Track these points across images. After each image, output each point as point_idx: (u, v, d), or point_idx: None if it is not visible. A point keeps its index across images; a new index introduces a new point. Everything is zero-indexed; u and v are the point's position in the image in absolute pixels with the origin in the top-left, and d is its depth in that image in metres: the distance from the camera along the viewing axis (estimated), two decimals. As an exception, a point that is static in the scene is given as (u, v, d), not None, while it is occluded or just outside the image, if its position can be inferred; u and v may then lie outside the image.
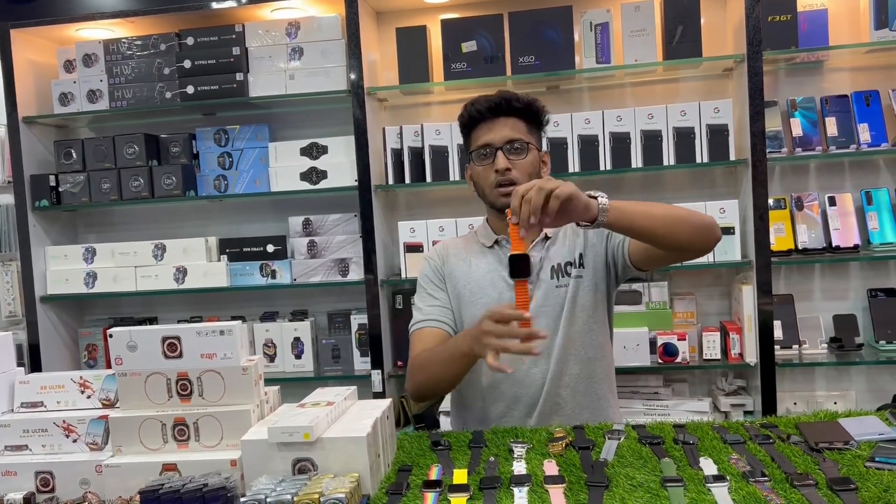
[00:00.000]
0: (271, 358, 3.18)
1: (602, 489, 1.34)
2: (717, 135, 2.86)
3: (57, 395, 1.68)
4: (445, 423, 2.78)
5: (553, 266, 1.96)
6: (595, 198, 1.64)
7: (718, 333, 2.94)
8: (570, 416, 1.92)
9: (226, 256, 3.18)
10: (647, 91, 3.14)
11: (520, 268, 1.58)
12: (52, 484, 1.55)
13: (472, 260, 2.02)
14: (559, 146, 2.92)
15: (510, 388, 1.95)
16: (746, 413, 2.89)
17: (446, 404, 2.88)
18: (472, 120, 1.95)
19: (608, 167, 2.93)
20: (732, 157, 2.87)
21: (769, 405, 2.78)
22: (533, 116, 1.96)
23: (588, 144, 2.92)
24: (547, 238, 2.00)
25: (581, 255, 1.97)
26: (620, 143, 2.91)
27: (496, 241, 2.00)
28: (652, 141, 2.90)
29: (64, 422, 1.61)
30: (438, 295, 2.02)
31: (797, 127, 2.93)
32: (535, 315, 1.87)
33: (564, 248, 1.98)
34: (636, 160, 2.92)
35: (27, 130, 3.22)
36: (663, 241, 1.76)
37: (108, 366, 3.26)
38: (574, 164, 2.93)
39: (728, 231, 2.86)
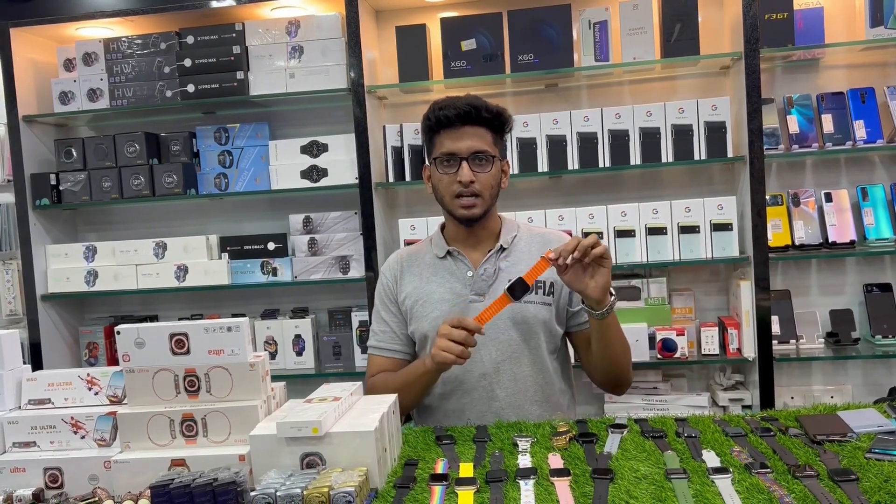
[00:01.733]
0: (272, 355, 3.19)
1: (607, 482, 1.36)
2: (715, 132, 2.89)
3: (64, 392, 1.70)
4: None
5: (510, 280, 1.90)
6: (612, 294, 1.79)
7: (717, 329, 2.96)
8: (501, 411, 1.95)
9: (227, 254, 3.19)
10: (646, 89, 3.16)
11: (519, 292, 1.76)
12: (61, 480, 1.56)
13: (424, 273, 2.02)
14: (558, 143, 2.94)
15: (454, 394, 1.98)
16: (744, 407, 2.91)
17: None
18: (438, 124, 1.92)
19: (607, 164, 2.95)
20: (730, 154, 2.89)
21: (767, 399, 2.80)
22: (499, 127, 1.94)
23: (587, 142, 2.94)
24: (503, 249, 1.99)
25: (553, 285, 1.97)
26: (619, 140, 2.93)
27: (448, 252, 2.00)
28: (650, 138, 2.92)
29: (72, 418, 1.62)
30: (388, 318, 2.04)
31: (794, 124, 2.96)
32: (485, 329, 1.89)
33: (524, 265, 1.91)
34: (635, 157, 2.94)
35: (27, 129, 3.22)
36: (607, 362, 1.95)
37: (109, 364, 3.28)
38: (573, 162, 2.95)
39: (726, 227, 2.88)
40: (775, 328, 2.90)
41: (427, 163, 2.03)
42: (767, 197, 2.90)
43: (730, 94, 2.98)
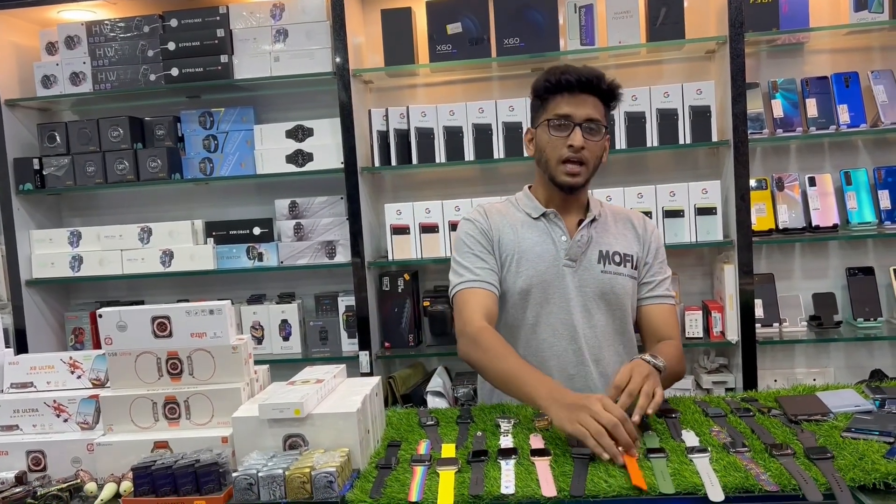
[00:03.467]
0: (259, 340, 3.19)
1: (586, 461, 1.37)
2: (700, 116, 2.90)
3: (47, 376, 1.70)
4: (433, 403, 2.82)
5: (602, 251, 1.94)
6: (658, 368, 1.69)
7: (701, 312, 2.98)
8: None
9: (212, 239, 3.18)
10: (631, 73, 3.16)
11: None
12: (44, 463, 1.57)
13: (519, 229, 1.97)
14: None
15: (542, 358, 1.94)
16: (728, 390, 2.94)
17: (434, 384, 2.92)
18: (557, 86, 1.89)
19: (592, 149, 2.95)
20: (715, 139, 2.90)
21: (750, 382, 2.83)
22: (611, 100, 1.93)
23: (572, 126, 2.94)
24: (594, 221, 1.97)
25: (637, 259, 1.98)
26: (604, 124, 2.93)
27: (544, 214, 1.97)
28: (635, 122, 2.92)
29: (55, 401, 1.62)
30: (486, 257, 1.94)
31: (778, 108, 2.97)
32: (574, 295, 1.90)
33: (612, 238, 1.97)
34: (620, 142, 2.94)
35: (10, 113, 3.19)
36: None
37: (95, 349, 3.27)
38: (559, 146, 2.95)
39: (710, 211, 2.90)
40: (759, 312, 2.93)
41: (531, 125, 2.00)
42: (752, 181, 2.91)
43: (715, 78, 2.99)
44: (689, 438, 1.47)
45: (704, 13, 3.04)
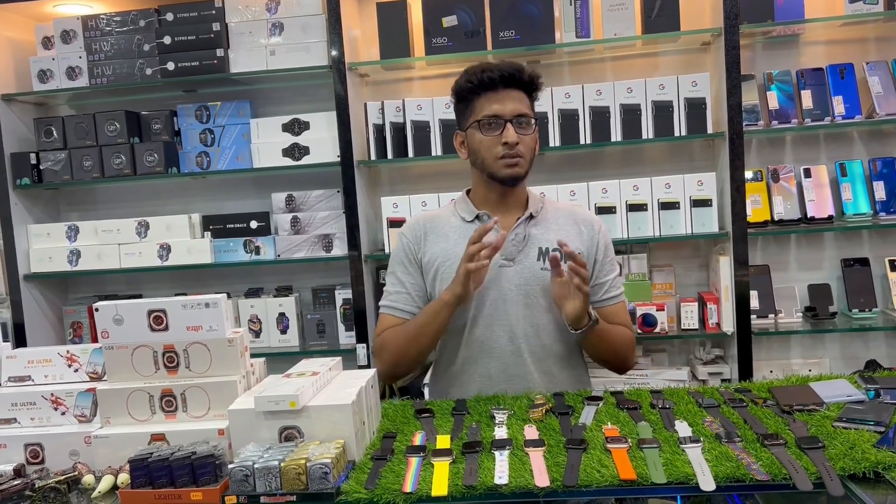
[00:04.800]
0: (256, 333, 3.20)
1: (580, 451, 1.38)
2: (695, 108, 2.90)
3: (44, 370, 1.71)
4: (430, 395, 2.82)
5: (541, 248, 1.96)
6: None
7: (696, 304, 2.99)
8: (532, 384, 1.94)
9: (209, 233, 3.19)
10: (626, 65, 3.17)
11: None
12: (42, 455, 1.58)
13: (451, 235, 2.00)
14: (540, 121, 2.91)
15: (481, 358, 1.97)
16: (723, 381, 2.95)
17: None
18: (480, 86, 1.91)
19: (588, 141, 2.96)
20: (710, 131, 2.91)
21: (745, 373, 2.84)
22: (534, 91, 1.96)
23: (568, 119, 2.95)
24: (531, 217, 1.98)
25: (583, 256, 1.93)
26: (600, 117, 2.94)
27: (477, 216, 1.99)
28: (631, 115, 2.93)
29: (52, 395, 1.64)
30: (405, 279, 2.02)
31: (773, 100, 2.97)
32: (513, 294, 1.93)
33: (552, 234, 1.96)
34: (615, 134, 2.95)
35: (6, 108, 3.20)
36: (596, 359, 2.03)
37: (94, 342, 3.28)
38: (554, 139, 2.96)
39: (705, 203, 2.90)
40: (754, 303, 2.94)
41: (460, 129, 2.01)
42: (747, 173, 2.92)
43: (710, 70, 2.99)
44: (682, 429, 1.48)
45: (699, 5, 3.04)
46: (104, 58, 3.16)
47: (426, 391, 2.81)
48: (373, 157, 3.08)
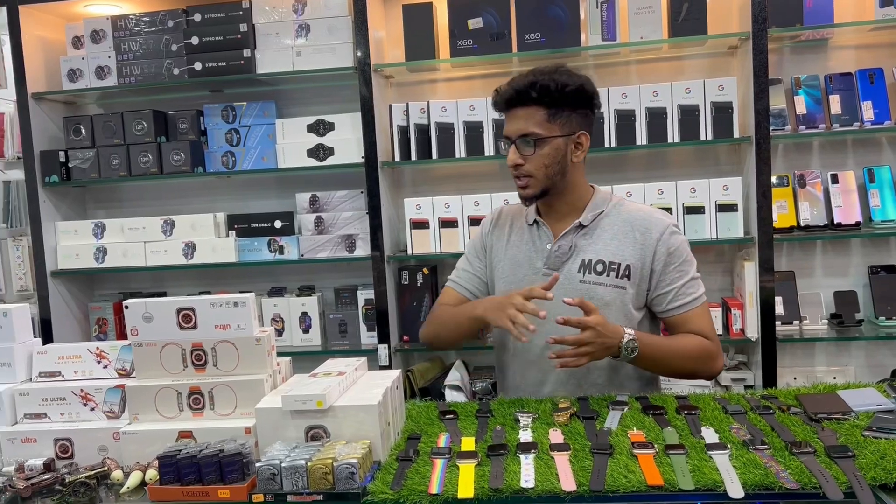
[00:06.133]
0: (279, 332, 3.22)
1: (606, 456, 1.38)
2: (722, 112, 2.88)
3: (74, 365, 1.73)
4: (451, 397, 2.83)
5: (584, 260, 1.89)
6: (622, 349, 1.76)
7: (720, 309, 2.97)
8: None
9: (234, 232, 3.21)
10: (653, 68, 3.15)
11: None
12: (71, 450, 1.60)
13: (514, 235, 2.02)
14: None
15: (526, 360, 1.96)
16: (747, 387, 2.93)
17: (452, 378, 2.94)
18: (496, 107, 1.93)
19: (613, 144, 2.95)
20: (736, 135, 2.89)
21: (769, 380, 2.82)
22: (558, 101, 1.83)
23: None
24: (581, 227, 1.92)
25: (629, 268, 1.88)
26: (625, 120, 2.93)
27: (535, 222, 1.98)
28: (657, 118, 2.91)
29: (82, 391, 1.66)
30: (473, 262, 2.09)
31: (801, 105, 2.95)
32: (550, 305, 1.83)
33: (601, 245, 1.90)
34: (641, 137, 2.93)
35: (36, 106, 3.24)
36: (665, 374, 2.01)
37: (119, 339, 3.31)
38: (579, 142, 2.95)
39: (731, 208, 2.89)
40: (779, 309, 2.91)
41: None
42: (773, 178, 2.90)
43: (737, 74, 2.97)
44: (709, 435, 1.47)
45: (727, 8, 3.02)
46: (133, 57, 3.20)
47: (453, 392, 2.83)
48: (397, 159, 3.09)
